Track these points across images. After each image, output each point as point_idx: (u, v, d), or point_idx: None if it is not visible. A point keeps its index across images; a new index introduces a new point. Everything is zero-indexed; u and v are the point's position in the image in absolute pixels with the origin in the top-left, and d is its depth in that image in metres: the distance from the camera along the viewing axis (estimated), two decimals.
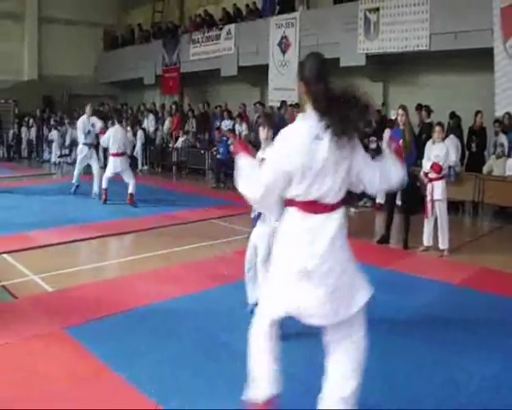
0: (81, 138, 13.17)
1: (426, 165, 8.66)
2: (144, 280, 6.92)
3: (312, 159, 3.16)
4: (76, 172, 13.37)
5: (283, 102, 15.90)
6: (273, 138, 5.21)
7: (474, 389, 4.28)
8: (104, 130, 12.69)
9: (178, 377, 4.36)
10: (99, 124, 13.27)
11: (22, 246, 8.38)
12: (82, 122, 13.10)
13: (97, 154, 14.16)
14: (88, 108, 13.27)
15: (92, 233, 9.36)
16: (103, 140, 12.47)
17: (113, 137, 12.11)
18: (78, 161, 13.42)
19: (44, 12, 25.75)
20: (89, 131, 12.99)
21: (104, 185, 12.31)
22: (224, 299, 6.13)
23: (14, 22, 25.30)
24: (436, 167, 8.49)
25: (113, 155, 12.17)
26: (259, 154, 5.15)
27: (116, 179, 12.26)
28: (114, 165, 12.12)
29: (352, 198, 11.51)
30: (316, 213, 3.25)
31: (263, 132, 5.27)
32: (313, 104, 3.22)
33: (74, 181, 13.39)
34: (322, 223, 3.25)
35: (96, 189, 12.96)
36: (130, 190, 12.09)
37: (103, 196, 12.35)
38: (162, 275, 7.19)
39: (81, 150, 13.23)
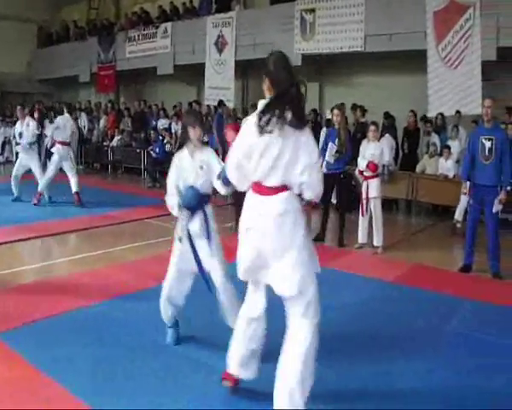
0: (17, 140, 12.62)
1: (361, 163, 8.75)
2: (79, 282, 6.78)
3: (261, 143, 3.47)
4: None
5: (221, 102, 15.83)
6: (203, 137, 4.99)
7: (406, 383, 4.33)
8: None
9: (111, 379, 4.28)
10: (34, 124, 12.63)
11: None
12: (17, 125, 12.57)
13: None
14: (19, 112, 12.61)
15: (27, 234, 9.11)
16: (50, 130, 12.12)
17: (64, 125, 11.88)
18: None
19: None
20: (20, 134, 12.29)
21: (42, 188, 11.93)
22: (158, 298, 6.05)
23: None
24: (372, 166, 8.60)
25: (60, 143, 11.84)
26: (188, 155, 4.80)
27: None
28: (60, 153, 11.79)
29: None
30: (261, 193, 3.58)
31: (194, 132, 4.76)
32: (275, 94, 3.52)
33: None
34: (266, 202, 3.57)
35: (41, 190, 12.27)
36: (74, 188, 11.87)
37: (36, 199, 11.92)
38: (97, 276, 7.06)
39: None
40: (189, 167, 4.74)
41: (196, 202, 4.64)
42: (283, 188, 3.54)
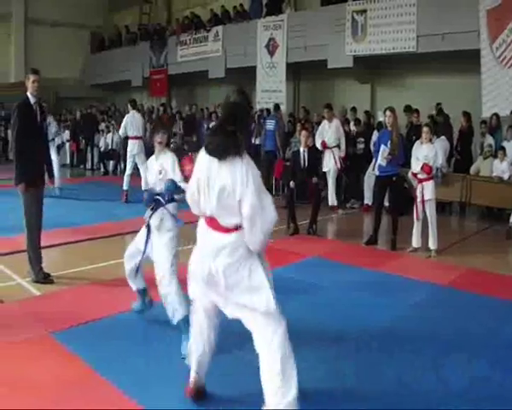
0: None
1: (414, 166, 8.66)
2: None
3: (208, 176, 3.58)
4: None
5: (277, 105, 15.52)
6: (167, 143, 5.27)
7: (464, 389, 4.26)
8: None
9: (163, 380, 4.33)
10: (54, 123, 13.83)
11: (9, 249, 8.15)
12: None
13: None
14: None
15: (79, 236, 9.24)
16: (122, 129, 12.80)
17: (131, 122, 12.66)
18: None
19: (31, 13, 25.47)
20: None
21: (125, 186, 12.66)
22: None
23: (0, 23, 25.11)
24: (426, 168, 8.49)
25: (131, 138, 12.69)
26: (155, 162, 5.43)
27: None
28: (131, 148, 12.67)
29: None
30: (214, 229, 3.63)
31: (159, 137, 5.40)
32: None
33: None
34: (218, 239, 3.60)
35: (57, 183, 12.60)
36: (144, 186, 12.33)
37: (124, 196, 12.67)
38: (151, 278, 7.09)
39: None
40: (152, 170, 5.38)
41: (149, 202, 5.23)
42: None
